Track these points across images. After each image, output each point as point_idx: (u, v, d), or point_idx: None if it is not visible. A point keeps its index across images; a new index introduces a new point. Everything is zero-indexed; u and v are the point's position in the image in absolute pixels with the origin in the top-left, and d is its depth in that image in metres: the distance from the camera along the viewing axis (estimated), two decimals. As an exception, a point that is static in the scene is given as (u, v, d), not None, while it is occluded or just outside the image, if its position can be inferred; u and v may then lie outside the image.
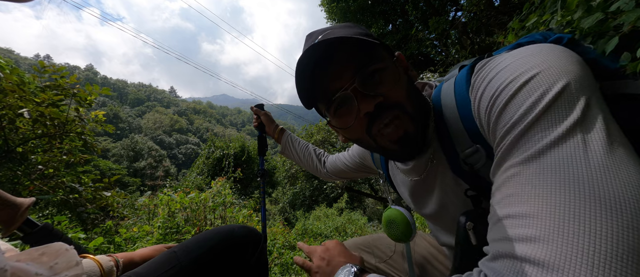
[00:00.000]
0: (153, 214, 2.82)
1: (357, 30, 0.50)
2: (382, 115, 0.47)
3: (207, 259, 0.68)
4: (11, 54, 73.49)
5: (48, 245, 0.45)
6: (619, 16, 1.11)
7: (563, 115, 0.30)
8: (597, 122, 0.30)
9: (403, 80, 0.49)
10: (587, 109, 0.30)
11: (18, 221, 0.55)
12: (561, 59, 0.35)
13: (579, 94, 0.31)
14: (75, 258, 0.46)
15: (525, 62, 0.36)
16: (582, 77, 0.33)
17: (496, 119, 0.36)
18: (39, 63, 2.52)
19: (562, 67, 0.33)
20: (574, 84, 0.32)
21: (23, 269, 0.37)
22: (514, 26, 1.86)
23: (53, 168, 2.50)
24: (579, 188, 0.26)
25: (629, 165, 0.26)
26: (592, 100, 0.31)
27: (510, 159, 0.33)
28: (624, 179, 0.25)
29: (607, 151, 0.27)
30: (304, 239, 4.13)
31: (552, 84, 0.32)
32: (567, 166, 0.27)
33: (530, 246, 0.26)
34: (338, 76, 0.48)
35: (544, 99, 0.31)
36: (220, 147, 11.57)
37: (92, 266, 0.58)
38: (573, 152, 0.28)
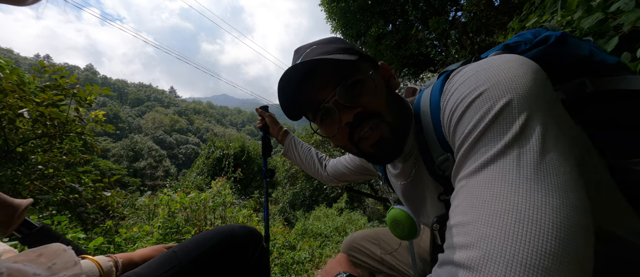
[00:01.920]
0: (153, 214, 2.81)
1: (339, 46, 0.54)
2: (361, 124, 0.51)
3: (207, 259, 0.68)
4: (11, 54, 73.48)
5: (46, 246, 0.45)
6: (619, 16, 1.11)
7: (503, 131, 0.32)
8: (533, 139, 0.31)
9: (382, 90, 0.53)
10: (525, 126, 0.32)
11: (16, 222, 0.55)
12: (511, 74, 0.36)
13: (520, 110, 0.33)
14: (74, 258, 0.46)
15: (478, 77, 0.37)
16: (527, 92, 0.34)
17: (453, 131, 0.39)
18: (39, 63, 2.52)
19: (508, 83, 0.35)
20: (517, 100, 0.33)
21: (20, 270, 0.36)
22: (514, 26, 1.85)
23: (53, 168, 2.50)
24: (507, 202, 0.28)
25: (550, 183, 0.29)
26: (534, 116, 0.32)
27: (462, 171, 0.35)
28: (542, 198, 0.28)
29: (536, 169, 0.30)
30: (304, 239, 4.13)
31: (496, 101, 0.34)
32: (501, 181, 0.30)
33: (464, 252, 0.29)
34: (322, 89, 0.52)
35: (488, 116, 0.34)
36: (220, 147, 11.56)
37: (91, 266, 0.58)
38: (508, 168, 0.30)
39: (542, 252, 0.25)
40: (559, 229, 0.26)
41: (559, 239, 0.26)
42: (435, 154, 0.50)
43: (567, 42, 0.47)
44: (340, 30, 7.99)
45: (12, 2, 0.29)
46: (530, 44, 0.49)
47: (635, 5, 1.05)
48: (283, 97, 0.54)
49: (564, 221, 0.27)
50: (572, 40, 0.48)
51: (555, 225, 0.26)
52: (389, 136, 0.52)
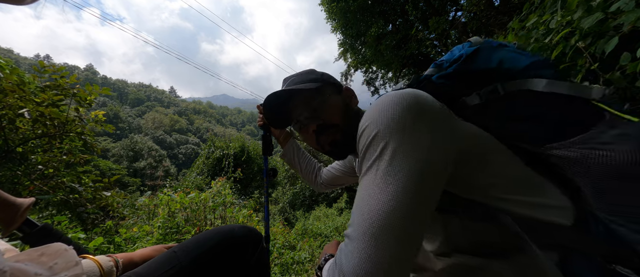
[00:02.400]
0: (153, 214, 2.82)
1: (311, 77, 0.76)
2: (322, 131, 0.72)
3: (207, 259, 0.68)
4: (11, 54, 73.45)
5: (47, 245, 0.45)
6: (619, 16, 1.11)
7: (372, 153, 0.49)
8: (385, 158, 0.47)
9: (338, 107, 0.74)
10: (383, 149, 0.48)
11: (18, 221, 0.55)
12: (382, 114, 0.51)
13: (381, 140, 0.49)
14: (75, 258, 0.46)
15: (367, 115, 0.54)
16: (387, 127, 0.49)
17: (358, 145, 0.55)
18: (39, 63, 2.51)
19: (378, 121, 0.50)
20: (381, 133, 0.49)
21: (22, 269, 0.37)
22: (514, 26, 1.85)
23: (53, 168, 2.50)
24: (366, 198, 0.47)
25: (388, 189, 0.45)
26: (389, 143, 0.48)
27: (359, 175, 0.53)
28: (385, 198, 0.44)
29: (383, 178, 0.46)
30: (304, 239, 4.13)
31: (370, 133, 0.50)
32: (367, 185, 0.48)
33: (349, 230, 0.47)
34: (297, 108, 0.76)
35: (366, 143, 0.51)
36: (220, 147, 11.56)
37: (91, 266, 0.58)
38: (371, 177, 0.48)
39: (376, 227, 0.43)
40: (385, 215, 0.43)
41: (383, 220, 0.43)
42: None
43: (476, 59, 0.61)
44: (340, 30, 7.99)
45: (12, 2, 0.29)
46: (449, 63, 0.64)
47: (635, 5, 1.05)
48: (269, 112, 0.80)
49: (389, 210, 0.43)
50: (483, 54, 0.61)
51: (383, 212, 0.43)
52: (341, 139, 0.72)
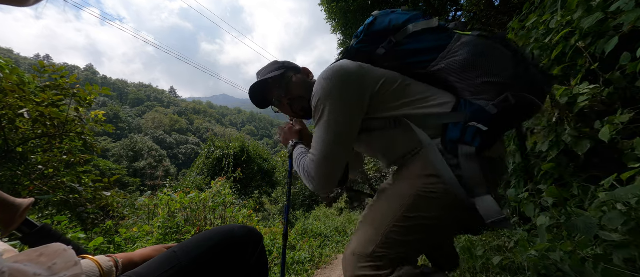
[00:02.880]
0: (153, 214, 2.81)
1: (276, 66, 1.03)
2: (293, 103, 1.00)
3: (207, 259, 0.68)
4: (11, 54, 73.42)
5: (46, 246, 0.45)
6: (619, 16, 1.11)
7: (317, 114, 0.82)
8: (324, 117, 0.80)
9: (300, 83, 1.01)
10: (322, 111, 0.80)
11: (17, 221, 0.55)
12: (320, 86, 0.82)
13: (321, 104, 0.80)
14: (74, 258, 0.46)
15: (314, 87, 0.85)
16: (324, 94, 0.80)
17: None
18: (39, 63, 2.51)
19: (318, 92, 0.81)
20: (320, 100, 0.80)
21: (21, 270, 0.36)
22: (514, 26, 1.86)
23: (53, 168, 2.50)
24: (318, 140, 0.81)
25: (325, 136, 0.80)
26: (326, 106, 0.79)
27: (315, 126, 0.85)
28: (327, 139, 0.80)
29: (324, 129, 0.80)
30: (304, 239, 4.13)
31: (315, 102, 0.82)
32: (317, 132, 0.82)
33: (312, 151, 0.84)
34: (272, 92, 1.03)
35: (314, 108, 0.83)
36: (220, 147, 11.56)
37: (91, 266, 0.58)
38: (319, 128, 0.81)
39: (319, 155, 0.81)
40: (324, 149, 0.80)
41: (324, 151, 0.80)
42: None
43: (375, 23, 0.93)
44: (340, 30, 7.99)
45: (16, 3, 0.29)
46: (361, 32, 0.97)
47: (635, 5, 1.05)
48: (254, 99, 1.06)
49: (328, 146, 0.80)
50: (379, 19, 0.92)
51: (323, 148, 0.80)
52: (308, 105, 0.91)
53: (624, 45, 1.07)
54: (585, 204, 1.17)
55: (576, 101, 1.21)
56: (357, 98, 0.80)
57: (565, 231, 1.19)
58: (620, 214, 0.87)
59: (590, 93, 1.19)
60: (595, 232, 0.92)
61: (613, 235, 0.90)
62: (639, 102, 1.11)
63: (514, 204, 1.71)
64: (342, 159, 0.81)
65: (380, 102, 0.82)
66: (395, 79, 0.84)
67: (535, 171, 1.50)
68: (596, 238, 1.00)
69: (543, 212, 1.32)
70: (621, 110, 1.07)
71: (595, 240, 1.03)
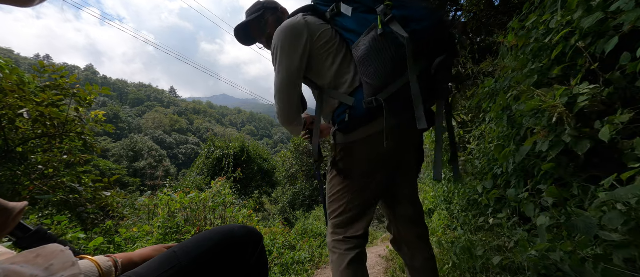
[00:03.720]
0: (153, 214, 2.81)
1: (256, 8, 1.20)
2: (270, 42, 1.08)
3: (207, 259, 0.67)
4: (11, 54, 73.45)
5: (43, 247, 0.45)
6: (619, 16, 1.11)
7: (273, 58, 1.03)
8: (277, 61, 1.01)
9: (275, 22, 1.16)
10: (276, 56, 1.01)
11: (10, 225, 0.54)
12: (276, 37, 1.00)
13: (275, 50, 1.01)
14: (72, 259, 0.46)
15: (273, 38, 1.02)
16: (279, 41, 0.99)
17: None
18: (39, 63, 2.51)
19: (274, 43, 1.01)
20: (275, 48, 1.01)
21: (18, 271, 0.36)
22: (514, 26, 1.85)
23: (53, 168, 2.50)
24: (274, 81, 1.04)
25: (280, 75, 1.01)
26: (278, 53, 1.00)
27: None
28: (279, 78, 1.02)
29: (278, 70, 1.01)
30: (304, 239, 4.13)
31: (271, 49, 1.05)
32: (275, 75, 1.03)
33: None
34: (253, 31, 1.22)
35: (272, 55, 1.05)
36: (220, 147, 11.56)
37: (89, 266, 0.58)
38: (275, 71, 1.03)
39: (275, 92, 1.04)
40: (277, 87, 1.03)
41: (277, 88, 1.02)
42: None
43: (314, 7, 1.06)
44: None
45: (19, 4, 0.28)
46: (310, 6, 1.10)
47: (635, 5, 1.04)
48: (238, 38, 1.26)
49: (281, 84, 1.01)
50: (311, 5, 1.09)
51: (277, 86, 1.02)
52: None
53: (624, 45, 1.07)
54: (585, 204, 1.17)
55: (576, 101, 1.20)
56: (301, 46, 0.97)
57: (565, 231, 1.18)
58: (620, 214, 0.87)
59: (590, 93, 1.18)
60: (595, 232, 0.92)
61: (613, 235, 0.90)
62: (639, 102, 1.11)
63: (514, 204, 1.70)
64: (293, 94, 1.01)
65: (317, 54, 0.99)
66: (333, 36, 1.00)
67: (535, 171, 1.50)
68: (596, 238, 1.00)
69: (543, 212, 1.32)
70: (621, 110, 1.07)
71: (595, 240, 1.03)
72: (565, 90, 1.25)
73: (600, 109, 1.20)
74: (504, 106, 1.79)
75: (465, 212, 2.48)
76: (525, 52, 1.67)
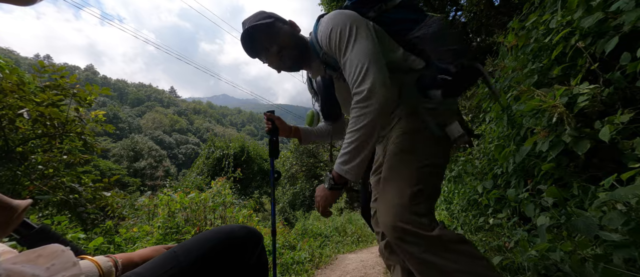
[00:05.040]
0: (153, 214, 2.81)
1: (264, 15, 1.07)
2: (283, 55, 1.06)
3: (207, 259, 0.67)
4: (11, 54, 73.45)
5: (44, 247, 0.45)
6: (619, 16, 1.11)
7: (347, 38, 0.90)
8: (357, 35, 0.90)
9: (289, 34, 1.06)
10: (352, 32, 0.90)
11: (14, 223, 0.54)
12: (341, 15, 0.93)
13: (350, 27, 0.90)
14: (72, 259, 0.46)
15: (327, 24, 0.95)
16: (351, 19, 0.92)
17: (328, 46, 0.97)
18: (39, 63, 2.51)
19: (342, 19, 0.92)
20: (348, 23, 0.91)
21: (19, 271, 0.36)
22: (514, 26, 1.85)
23: (53, 168, 2.50)
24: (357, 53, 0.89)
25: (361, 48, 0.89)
26: (354, 28, 0.90)
27: (343, 58, 0.92)
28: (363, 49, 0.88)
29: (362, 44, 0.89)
30: (304, 239, 4.13)
31: (342, 26, 0.91)
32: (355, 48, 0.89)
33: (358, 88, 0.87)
34: (259, 44, 1.07)
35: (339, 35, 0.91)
36: (220, 147, 11.57)
37: (90, 266, 0.58)
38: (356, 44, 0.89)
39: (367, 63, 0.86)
40: (369, 56, 0.87)
41: (369, 57, 0.87)
42: (318, 53, 1.06)
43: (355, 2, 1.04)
44: (340, 30, 8.00)
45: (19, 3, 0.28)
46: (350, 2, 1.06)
47: (635, 5, 1.04)
48: (245, 46, 1.08)
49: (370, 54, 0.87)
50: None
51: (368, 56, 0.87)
52: (297, 54, 1.07)
53: (624, 45, 1.07)
54: (585, 204, 1.17)
55: (576, 101, 1.20)
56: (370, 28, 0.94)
57: (565, 231, 1.18)
58: (620, 214, 0.87)
59: (590, 93, 1.19)
60: (595, 232, 0.92)
61: (613, 235, 0.90)
62: (639, 102, 1.11)
63: (514, 204, 1.70)
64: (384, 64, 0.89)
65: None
66: (384, 34, 1.01)
67: (535, 171, 1.50)
68: (596, 238, 1.00)
69: (543, 212, 1.32)
70: (621, 111, 1.07)
71: (595, 240, 1.03)
72: (565, 90, 1.25)
73: (600, 109, 1.20)
74: (505, 106, 1.79)
75: (465, 212, 2.48)
76: (525, 52, 1.67)
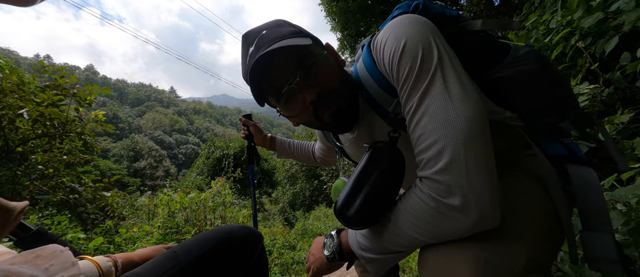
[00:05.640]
0: (153, 214, 2.81)
1: (290, 30, 0.59)
2: (323, 101, 0.57)
3: (207, 259, 0.67)
4: (11, 54, 73.49)
5: (43, 247, 0.45)
6: (619, 16, 1.11)
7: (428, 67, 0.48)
8: (447, 71, 0.48)
9: (334, 68, 0.61)
10: (441, 63, 0.48)
11: (11, 225, 0.54)
12: (416, 28, 0.52)
13: (432, 50, 0.49)
14: (71, 259, 0.46)
15: (396, 34, 0.52)
16: (432, 36, 0.50)
17: (396, 75, 0.52)
18: (38, 63, 2.51)
19: (418, 34, 0.51)
20: (428, 44, 0.49)
21: (17, 272, 0.36)
22: (514, 26, 1.85)
23: (53, 168, 2.50)
24: (438, 110, 0.46)
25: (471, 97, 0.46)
26: (443, 57, 0.49)
27: (411, 101, 0.50)
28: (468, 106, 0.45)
29: (458, 82, 0.47)
30: (304, 239, 4.13)
31: (417, 48, 0.49)
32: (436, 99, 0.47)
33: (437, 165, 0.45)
34: (281, 74, 0.56)
35: (417, 60, 0.48)
36: (220, 147, 11.57)
37: (89, 267, 0.58)
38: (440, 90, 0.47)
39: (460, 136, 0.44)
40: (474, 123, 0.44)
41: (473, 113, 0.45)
42: (386, 105, 0.61)
43: (427, 5, 0.63)
44: (340, 29, 7.99)
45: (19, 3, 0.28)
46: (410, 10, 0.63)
47: (635, 5, 1.04)
48: (251, 86, 0.59)
49: (475, 118, 0.45)
50: (429, 4, 0.64)
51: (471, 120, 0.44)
52: (345, 107, 0.60)
53: (624, 45, 1.07)
54: (585, 204, 1.17)
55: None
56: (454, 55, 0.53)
57: (565, 231, 1.18)
58: (620, 214, 0.87)
59: (590, 93, 1.18)
60: (595, 233, 0.92)
61: (613, 235, 0.90)
62: (639, 102, 1.11)
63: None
64: (489, 132, 0.46)
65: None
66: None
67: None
68: (596, 238, 1.00)
69: (543, 213, 1.32)
70: (621, 110, 1.07)
71: (595, 240, 1.02)
72: (565, 90, 1.25)
73: (600, 109, 1.20)
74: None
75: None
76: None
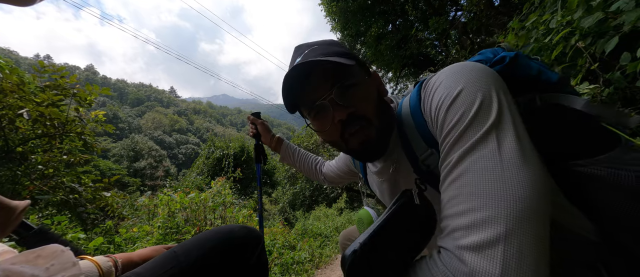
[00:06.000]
0: (153, 214, 2.81)
1: (338, 50, 0.59)
2: (352, 123, 0.55)
3: (207, 259, 0.67)
4: (11, 54, 73.52)
5: (43, 247, 0.45)
6: (619, 16, 1.11)
7: (483, 122, 0.40)
8: (506, 129, 0.39)
9: (373, 96, 0.59)
10: (500, 114, 0.40)
11: (13, 224, 0.54)
12: (480, 74, 0.45)
13: (492, 104, 0.41)
14: (72, 259, 0.46)
15: (454, 79, 0.46)
16: (495, 90, 0.43)
17: (441, 123, 0.45)
18: (38, 63, 2.51)
19: (480, 82, 0.44)
20: (488, 97, 0.42)
21: (18, 271, 0.36)
22: (514, 26, 1.85)
23: (53, 168, 2.50)
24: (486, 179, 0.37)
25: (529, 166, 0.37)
26: (504, 109, 0.41)
27: (451, 155, 0.42)
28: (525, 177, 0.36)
29: (516, 148, 0.38)
30: (304, 239, 4.13)
31: (474, 97, 0.42)
32: (488, 160, 0.38)
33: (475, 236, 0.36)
34: (318, 87, 0.56)
35: (471, 110, 0.41)
36: (220, 147, 11.57)
37: (90, 267, 0.58)
38: (492, 150, 0.38)
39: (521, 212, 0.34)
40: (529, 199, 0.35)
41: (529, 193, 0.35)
42: (418, 151, 0.57)
43: (519, 63, 0.54)
44: (340, 29, 7.98)
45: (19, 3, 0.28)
46: (490, 63, 0.56)
47: (635, 5, 1.04)
48: (284, 92, 0.59)
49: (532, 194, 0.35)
50: (523, 60, 0.55)
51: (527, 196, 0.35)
52: (374, 138, 0.57)
53: (624, 45, 1.07)
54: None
55: (576, 101, 1.20)
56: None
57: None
58: (621, 215, 0.87)
59: (590, 93, 1.18)
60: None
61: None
62: (639, 102, 1.11)
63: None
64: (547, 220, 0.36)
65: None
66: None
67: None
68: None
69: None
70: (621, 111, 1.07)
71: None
72: (565, 90, 1.25)
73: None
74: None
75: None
76: (525, 52, 1.67)
